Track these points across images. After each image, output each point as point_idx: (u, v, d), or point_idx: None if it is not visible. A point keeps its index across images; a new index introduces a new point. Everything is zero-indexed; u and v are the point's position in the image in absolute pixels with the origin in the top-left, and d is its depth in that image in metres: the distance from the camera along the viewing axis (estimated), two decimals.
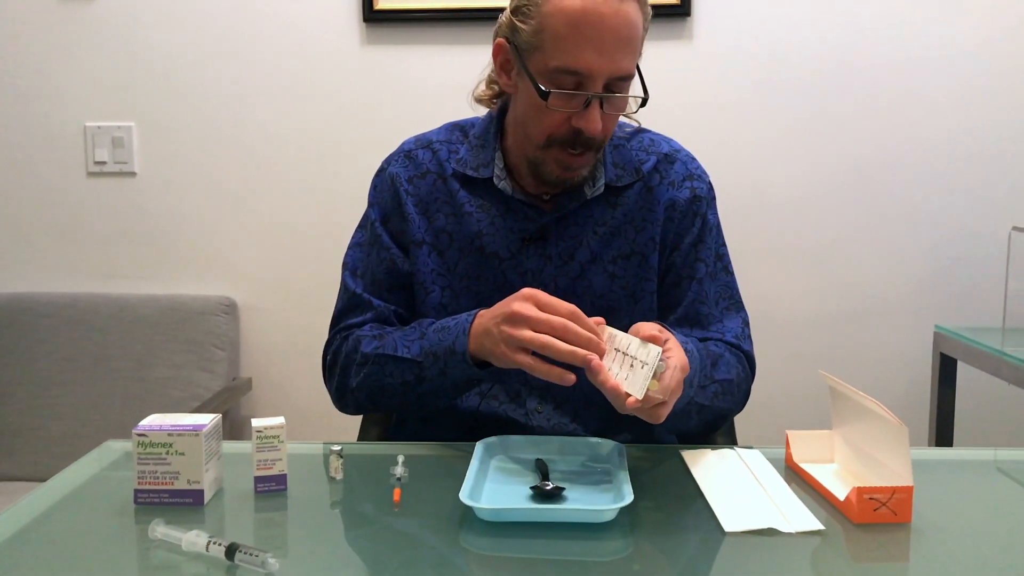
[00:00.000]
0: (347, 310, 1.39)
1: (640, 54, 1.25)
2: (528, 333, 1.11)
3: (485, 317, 1.19)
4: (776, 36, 2.32)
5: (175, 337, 2.35)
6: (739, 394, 1.34)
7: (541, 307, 1.12)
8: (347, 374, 1.33)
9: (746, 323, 1.39)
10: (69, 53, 2.40)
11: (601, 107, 1.22)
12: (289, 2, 2.36)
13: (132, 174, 2.43)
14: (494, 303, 1.26)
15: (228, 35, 2.37)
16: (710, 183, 1.41)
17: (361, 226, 1.43)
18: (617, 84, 1.23)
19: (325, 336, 1.41)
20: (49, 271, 2.46)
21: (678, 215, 1.36)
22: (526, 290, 1.15)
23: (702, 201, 1.38)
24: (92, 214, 2.45)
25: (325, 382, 1.40)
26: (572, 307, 1.12)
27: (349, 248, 1.43)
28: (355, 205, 1.46)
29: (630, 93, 1.26)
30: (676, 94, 2.32)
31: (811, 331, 2.38)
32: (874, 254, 2.38)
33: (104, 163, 2.42)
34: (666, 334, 1.10)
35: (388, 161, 1.42)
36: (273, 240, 2.44)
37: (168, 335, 2.35)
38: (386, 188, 1.39)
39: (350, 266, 1.41)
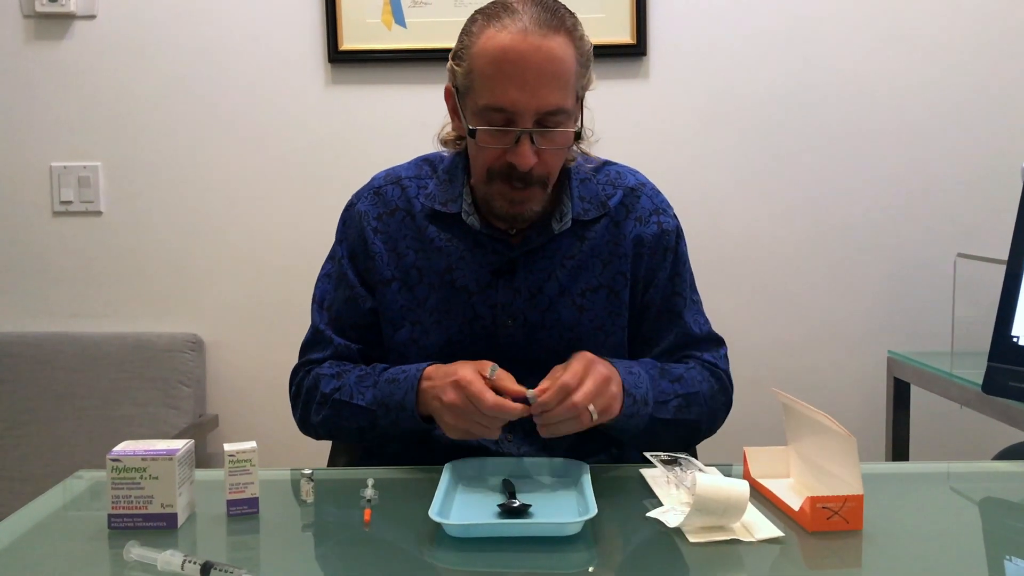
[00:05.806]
0: (310, 344, 1.42)
1: (575, 88, 1.26)
2: (461, 432, 1.21)
3: (434, 382, 1.23)
4: (730, 75, 2.40)
5: (141, 375, 2.35)
6: (712, 405, 1.35)
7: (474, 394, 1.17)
8: (308, 410, 1.38)
9: (725, 353, 1.43)
10: (35, 93, 2.41)
11: (532, 142, 1.24)
12: (254, 42, 2.40)
13: (98, 213, 2.44)
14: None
15: (194, 75, 2.41)
16: (675, 214, 1.43)
17: (330, 257, 1.45)
18: (549, 119, 1.24)
19: (290, 372, 1.44)
20: (14, 311, 2.45)
21: (647, 251, 1.39)
22: (462, 377, 1.18)
23: (670, 235, 1.41)
24: (58, 254, 2.45)
25: (291, 408, 1.43)
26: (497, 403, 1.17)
27: (318, 279, 1.45)
28: (320, 242, 1.50)
29: (577, 126, 1.27)
30: (633, 131, 2.38)
31: (769, 359, 2.44)
32: (828, 283, 2.45)
33: (70, 203, 2.43)
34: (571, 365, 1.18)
35: (357, 196, 1.43)
36: (239, 277, 2.45)
37: (134, 373, 2.35)
38: (353, 225, 1.40)
39: (317, 299, 1.43)
